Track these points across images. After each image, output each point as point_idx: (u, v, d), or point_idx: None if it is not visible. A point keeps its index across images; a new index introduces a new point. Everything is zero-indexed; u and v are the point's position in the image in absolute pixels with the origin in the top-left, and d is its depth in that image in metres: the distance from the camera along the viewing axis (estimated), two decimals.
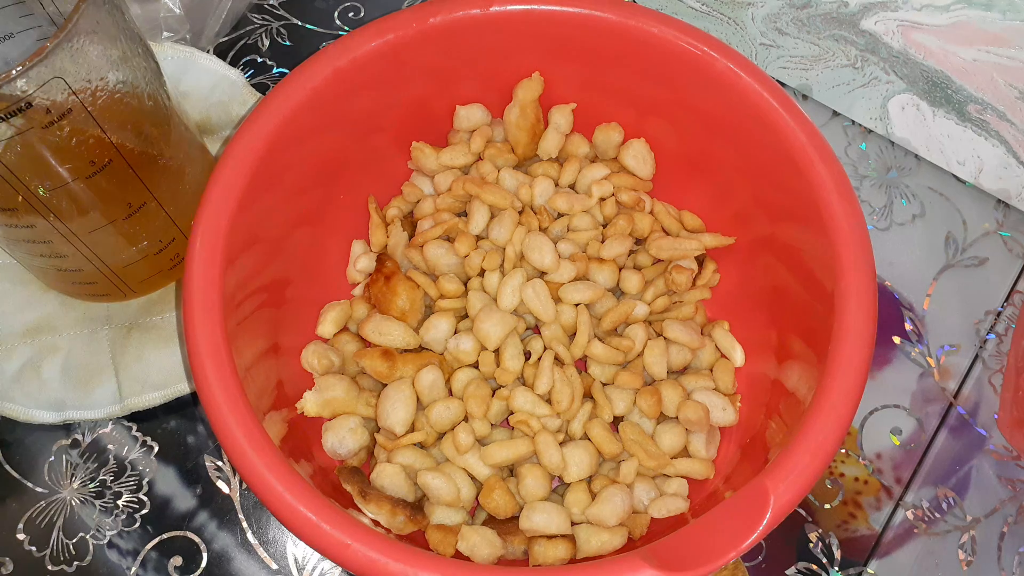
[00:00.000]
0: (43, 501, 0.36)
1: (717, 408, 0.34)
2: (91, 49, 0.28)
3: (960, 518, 0.37)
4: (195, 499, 0.37)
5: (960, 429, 0.39)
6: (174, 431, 0.38)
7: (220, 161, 0.31)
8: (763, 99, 0.33)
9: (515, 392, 0.33)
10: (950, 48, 0.40)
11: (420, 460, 0.33)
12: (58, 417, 0.37)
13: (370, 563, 0.26)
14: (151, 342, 0.37)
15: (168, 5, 0.42)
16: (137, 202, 0.33)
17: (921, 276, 0.42)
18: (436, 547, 0.32)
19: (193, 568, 0.35)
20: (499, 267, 0.35)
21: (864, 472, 0.38)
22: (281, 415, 0.32)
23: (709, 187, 0.38)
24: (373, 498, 0.31)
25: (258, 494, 0.27)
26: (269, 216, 0.33)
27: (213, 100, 0.42)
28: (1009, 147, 0.41)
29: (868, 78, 0.43)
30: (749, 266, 0.37)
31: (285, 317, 0.35)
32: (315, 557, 0.36)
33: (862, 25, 0.41)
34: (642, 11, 0.34)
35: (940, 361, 0.40)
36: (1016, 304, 0.41)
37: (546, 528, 0.31)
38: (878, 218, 0.43)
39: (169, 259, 0.37)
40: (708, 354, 0.36)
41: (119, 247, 0.35)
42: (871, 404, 0.39)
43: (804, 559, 0.36)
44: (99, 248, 0.34)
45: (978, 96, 0.41)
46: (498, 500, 0.32)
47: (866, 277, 0.30)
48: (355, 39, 0.33)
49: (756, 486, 0.27)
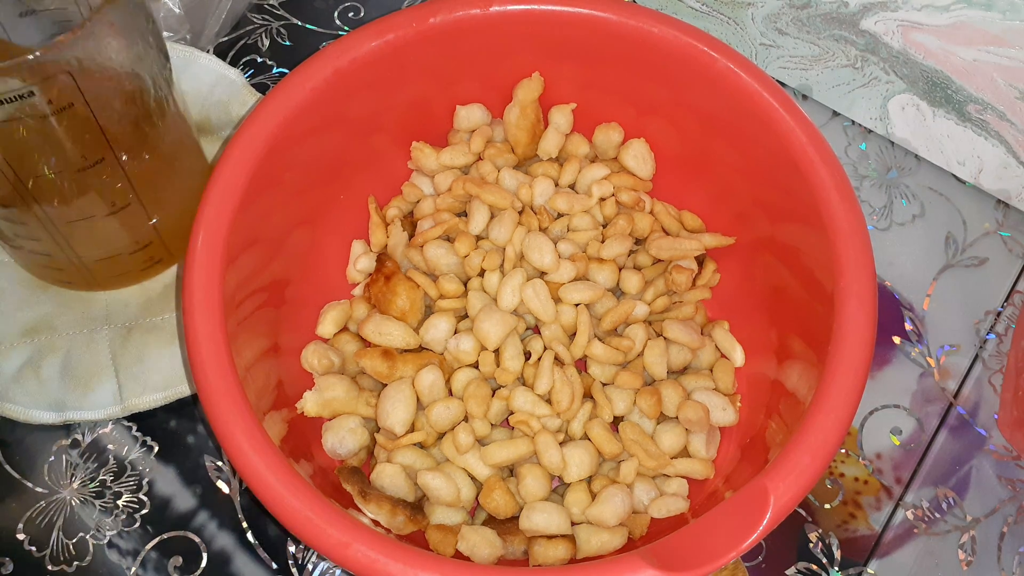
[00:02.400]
0: (43, 501, 0.36)
1: (717, 408, 0.34)
2: (106, 48, 0.28)
3: (960, 518, 0.37)
4: (195, 499, 0.37)
5: (960, 429, 0.39)
6: (174, 431, 0.38)
7: (220, 161, 0.31)
8: (763, 99, 0.33)
9: (515, 392, 0.33)
10: (950, 48, 0.40)
11: (420, 460, 0.33)
12: (58, 417, 0.37)
13: (370, 563, 0.26)
14: (152, 343, 0.37)
15: (168, 5, 0.42)
16: (121, 202, 0.33)
17: (921, 276, 0.42)
18: (436, 547, 0.32)
19: (193, 568, 0.35)
20: (499, 267, 0.35)
21: (864, 472, 0.38)
22: (281, 415, 0.32)
23: (709, 187, 0.38)
24: (373, 498, 0.31)
25: (258, 494, 0.27)
26: (269, 216, 0.33)
27: (213, 100, 0.42)
28: (1009, 147, 0.41)
29: (868, 78, 0.43)
30: (749, 266, 0.37)
31: (285, 317, 0.35)
32: (315, 557, 0.36)
33: (862, 25, 0.41)
34: (642, 11, 0.34)
35: (940, 361, 0.40)
36: (1016, 304, 0.41)
37: (546, 528, 0.31)
38: (878, 218, 0.43)
39: (143, 261, 0.37)
40: (708, 354, 0.36)
41: (95, 242, 0.35)
42: (871, 404, 0.39)
43: (804, 559, 0.36)
44: (75, 239, 0.34)
45: (978, 96, 0.41)
46: (498, 500, 0.32)
47: (866, 277, 0.30)
48: (355, 39, 0.33)
49: (756, 486, 0.27)
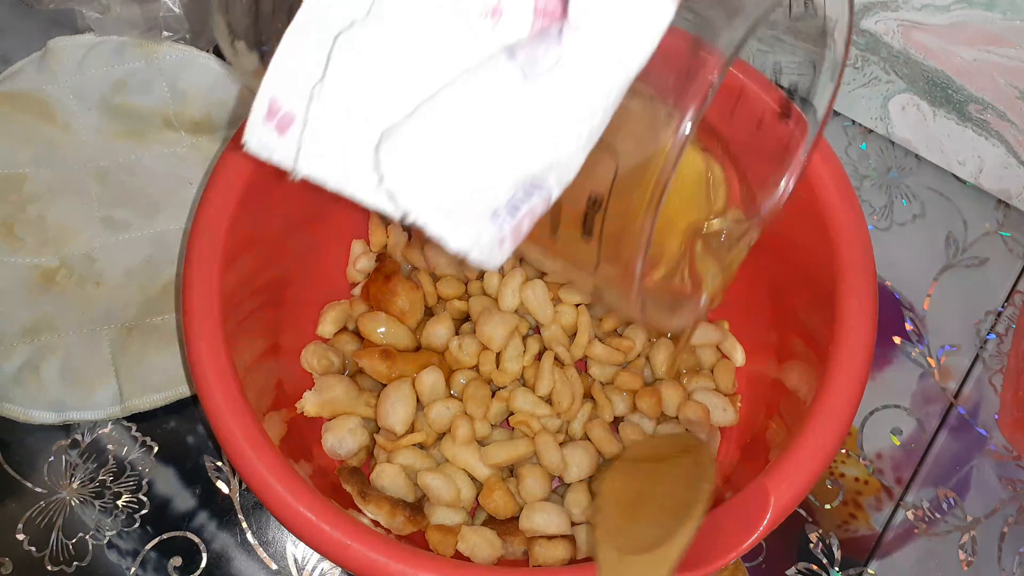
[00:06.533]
0: (43, 501, 0.36)
1: (717, 408, 0.34)
2: None
3: (960, 518, 0.37)
4: (195, 499, 0.37)
5: (960, 429, 0.39)
6: (174, 431, 0.38)
7: (219, 162, 0.31)
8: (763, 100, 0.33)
9: (515, 393, 0.33)
10: (950, 48, 0.40)
11: (420, 460, 0.33)
12: (58, 418, 0.37)
13: (370, 563, 0.26)
14: (152, 344, 0.37)
15: (168, 5, 0.42)
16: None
17: (921, 276, 0.42)
18: (436, 547, 0.32)
19: (193, 568, 0.35)
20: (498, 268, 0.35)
21: (864, 472, 0.38)
22: (281, 415, 0.32)
23: None
24: (373, 498, 0.31)
25: (258, 494, 0.27)
26: (269, 216, 0.33)
27: (213, 99, 0.42)
28: (1009, 147, 0.41)
29: (868, 78, 0.43)
30: (749, 266, 0.37)
31: (285, 317, 0.35)
32: (315, 557, 0.36)
33: (862, 25, 0.41)
34: None
35: (940, 361, 0.40)
36: (1016, 304, 0.41)
37: (546, 528, 0.31)
38: (878, 218, 0.43)
39: None
40: (708, 354, 0.36)
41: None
42: (871, 404, 0.39)
43: (804, 559, 0.36)
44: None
45: (978, 96, 0.40)
46: (498, 500, 0.32)
47: (866, 277, 0.30)
48: None
49: (756, 486, 0.27)
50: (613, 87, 0.19)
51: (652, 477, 0.29)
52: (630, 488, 0.28)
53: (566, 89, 0.19)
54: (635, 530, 0.26)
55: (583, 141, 0.20)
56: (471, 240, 0.20)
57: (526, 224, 0.21)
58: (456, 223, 0.20)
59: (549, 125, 0.19)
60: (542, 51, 0.19)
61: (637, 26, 0.19)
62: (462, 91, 0.20)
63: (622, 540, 0.26)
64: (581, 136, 0.20)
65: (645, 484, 0.28)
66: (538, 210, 0.21)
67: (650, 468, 0.29)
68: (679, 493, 0.27)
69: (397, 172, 0.20)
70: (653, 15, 0.19)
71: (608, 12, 0.19)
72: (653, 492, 0.28)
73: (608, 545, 0.26)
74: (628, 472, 0.29)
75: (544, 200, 0.21)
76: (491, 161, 0.20)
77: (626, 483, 0.29)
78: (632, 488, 0.28)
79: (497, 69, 0.20)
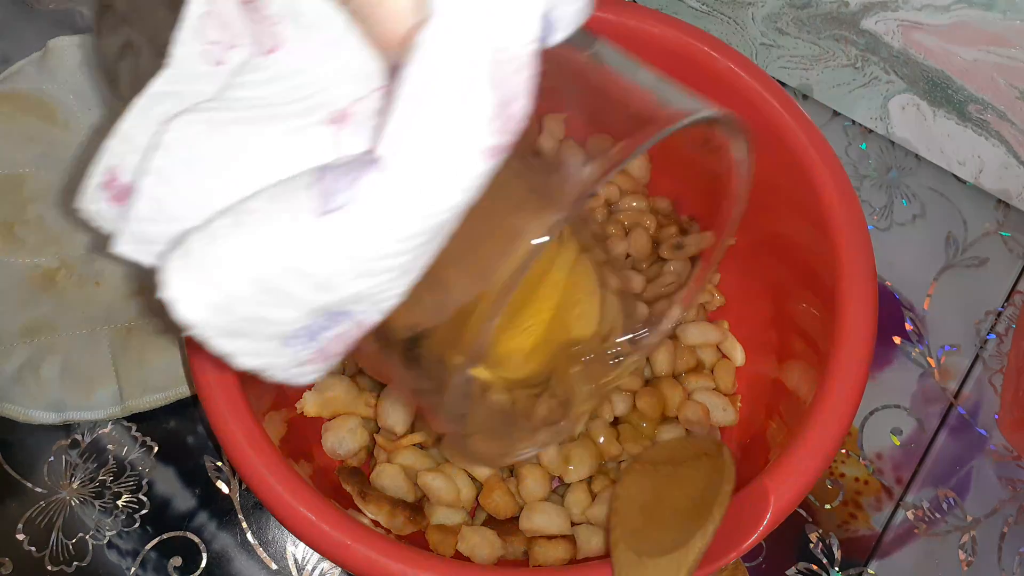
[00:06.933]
0: (43, 501, 0.36)
1: (717, 408, 0.34)
2: None
3: (960, 518, 0.37)
4: (195, 499, 0.37)
5: (960, 429, 0.39)
6: (174, 431, 0.38)
7: None
8: (764, 99, 0.33)
9: None
10: (950, 48, 0.40)
11: (420, 460, 0.33)
12: (58, 418, 0.37)
13: (370, 563, 0.26)
14: (152, 345, 0.37)
15: None
16: None
17: (921, 276, 0.42)
18: (436, 547, 0.32)
19: (193, 568, 0.35)
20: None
21: (864, 472, 0.38)
22: (281, 415, 0.32)
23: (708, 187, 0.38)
24: (373, 499, 0.31)
25: (258, 494, 0.27)
26: None
27: None
28: (1009, 147, 0.41)
29: (868, 78, 0.43)
30: (749, 266, 0.37)
31: None
32: (315, 557, 0.36)
33: (862, 25, 0.41)
34: (642, 11, 0.34)
35: (940, 361, 0.40)
36: (1016, 304, 0.41)
37: (546, 528, 0.31)
38: (878, 218, 0.43)
39: None
40: (708, 354, 0.36)
41: None
42: (871, 404, 0.39)
43: (804, 559, 0.36)
44: None
45: (978, 96, 0.40)
46: (498, 500, 0.32)
47: (866, 277, 0.30)
48: None
49: (756, 486, 0.27)
50: (417, 233, 0.18)
51: (671, 480, 0.29)
52: (648, 490, 0.28)
53: (360, 228, 0.18)
54: (653, 532, 0.26)
55: (395, 275, 0.18)
56: (263, 362, 0.19)
57: (336, 347, 0.20)
58: (243, 345, 0.19)
59: (345, 261, 0.18)
60: (345, 182, 0.18)
61: (444, 179, 0.18)
62: (254, 215, 0.18)
63: (640, 542, 0.26)
64: (392, 271, 0.18)
65: (664, 486, 0.28)
66: (351, 334, 0.19)
67: (669, 471, 0.29)
68: (698, 496, 0.27)
69: (176, 284, 0.18)
70: (462, 169, 0.18)
71: (416, 158, 0.18)
72: (672, 494, 0.28)
73: (626, 547, 0.26)
74: (647, 474, 0.29)
75: (357, 325, 0.19)
76: (278, 291, 0.18)
77: (644, 485, 0.29)
78: (650, 490, 0.28)
79: (292, 199, 0.18)
